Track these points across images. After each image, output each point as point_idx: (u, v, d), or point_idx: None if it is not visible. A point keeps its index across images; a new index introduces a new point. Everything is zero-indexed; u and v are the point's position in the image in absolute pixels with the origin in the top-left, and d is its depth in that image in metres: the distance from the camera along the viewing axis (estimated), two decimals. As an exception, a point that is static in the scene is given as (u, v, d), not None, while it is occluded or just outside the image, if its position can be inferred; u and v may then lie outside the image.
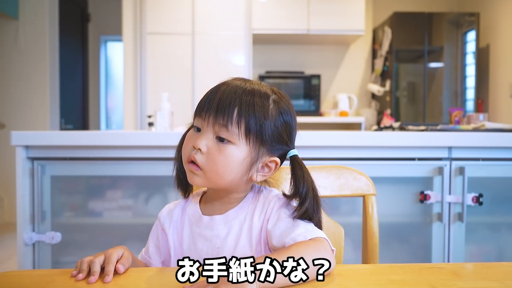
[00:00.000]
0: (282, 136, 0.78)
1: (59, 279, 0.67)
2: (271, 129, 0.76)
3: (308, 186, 0.76)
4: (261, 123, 0.75)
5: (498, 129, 1.89)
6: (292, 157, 0.79)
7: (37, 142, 1.59)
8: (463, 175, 1.63)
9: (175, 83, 3.73)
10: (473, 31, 3.94)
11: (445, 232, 1.67)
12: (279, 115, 0.77)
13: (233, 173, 0.75)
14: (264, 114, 0.75)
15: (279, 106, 0.78)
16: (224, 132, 0.74)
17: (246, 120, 0.74)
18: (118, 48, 5.49)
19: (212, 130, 0.75)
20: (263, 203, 0.80)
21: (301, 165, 0.78)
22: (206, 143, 0.75)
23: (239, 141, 0.74)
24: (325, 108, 4.40)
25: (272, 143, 0.77)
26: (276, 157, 0.79)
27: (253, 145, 0.75)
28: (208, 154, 0.74)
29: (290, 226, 0.74)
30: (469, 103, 4.03)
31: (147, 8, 3.74)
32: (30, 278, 0.69)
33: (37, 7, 3.95)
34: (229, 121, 0.73)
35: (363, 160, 1.65)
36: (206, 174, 0.75)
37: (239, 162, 0.75)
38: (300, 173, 0.77)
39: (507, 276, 0.70)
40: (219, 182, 0.76)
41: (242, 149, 0.75)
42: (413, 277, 0.68)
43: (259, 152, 0.76)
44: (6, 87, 3.97)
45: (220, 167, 0.74)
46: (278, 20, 3.91)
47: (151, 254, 0.85)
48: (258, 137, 0.75)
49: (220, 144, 0.74)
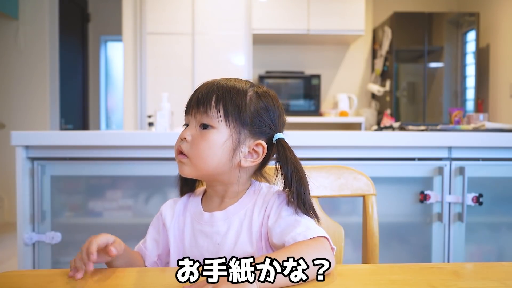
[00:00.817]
0: (263, 118, 0.80)
1: (59, 279, 0.67)
2: (250, 111, 0.79)
3: (292, 168, 0.77)
4: (239, 105, 0.78)
5: (498, 129, 1.89)
6: (277, 140, 0.80)
7: (37, 142, 1.59)
8: (463, 175, 1.63)
9: (175, 83, 3.73)
10: (473, 31, 3.94)
11: (445, 232, 1.67)
12: (258, 99, 0.80)
13: (216, 156, 0.78)
14: (241, 98, 0.79)
15: (258, 92, 0.81)
16: (205, 118, 0.78)
17: (224, 103, 0.78)
18: (118, 48, 5.49)
19: (195, 120, 0.79)
20: (263, 199, 0.81)
21: (285, 148, 0.79)
22: (190, 132, 0.79)
23: (219, 124, 0.77)
24: (325, 108, 4.40)
25: (253, 126, 0.79)
26: (261, 140, 0.80)
27: (233, 126, 0.78)
28: (192, 142, 0.78)
29: (291, 224, 0.74)
30: (469, 103, 4.03)
31: (147, 8, 3.74)
32: (30, 278, 0.69)
33: (37, 7, 3.95)
34: (208, 107, 0.78)
35: (363, 160, 1.65)
36: (192, 161, 0.78)
37: (221, 144, 0.77)
38: (283, 155, 0.78)
39: (507, 276, 0.70)
40: (204, 167, 0.78)
41: (223, 132, 0.78)
42: (413, 277, 0.68)
43: (241, 134, 0.78)
44: (6, 87, 3.97)
45: (203, 151, 0.77)
46: (278, 20, 3.91)
47: (148, 246, 0.86)
48: (238, 119, 0.78)
49: (203, 130, 0.78)
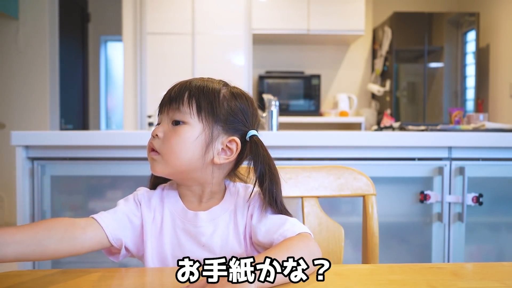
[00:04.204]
0: (237, 114, 0.79)
1: (59, 279, 0.67)
2: (223, 107, 0.78)
3: (264, 165, 0.77)
4: (212, 100, 0.77)
5: (498, 129, 1.89)
6: (251, 137, 0.79)
7: (37, 142, 1.59)
8: (463, 175, 1.63)
9: (175, 83, 3.72)
10: (473, 31, 3.94)
11: (445, 232, 1.67)
12: (231, 96, 0.80)
13: (189, 152, 0.76)
14: (214, 93, 0.78)
15: (232, 90, 0.81)
16: (177, 114, 0.77)
17: (196, 98, 0.77)
18: (118, 48, 5.49)
19: (167, 117, 0.78)
20: (243, 199, 0.81)
21: (258, 144, 0.78)
22: (162, 129, 0.78)
23: (191, 119, 0.77)
24: (325, 108, 4.40)
25: (226, 122, 0.78)
26: (235, 137, 0.79)
27: (206, 121, 0.77)
28: (164, 138, 0.77)
29: (277, 222, 0.75)
30: (469, 103, 4.03)
31: (147, 8, 3.74)
32: (30, 278, 0.69)
33: (37, 7, 3.95)
34: (180, 103, 0.77)
35: (363, 160, 1.65)
36: (164, 157, 0.77)
37: (193, 140, 0.76)
38: (256, 151, 0.78)
39: (507, 276, 0.70)
40: (177, 163, 0.76)
41: (195, 127, 0.77)
42: (413, 277, 0.68)
43: (214, 129, 0.77)
44: (6, 87, 3.97)
45: (175, 146, 0.76)
46: (278, 20, 3.91)
47: (109, 219, 0.76)
48: (211, 114, 0.77)
49: (175, 126, 0.77)
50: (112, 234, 0.75)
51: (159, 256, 0.79)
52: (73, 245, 0.71)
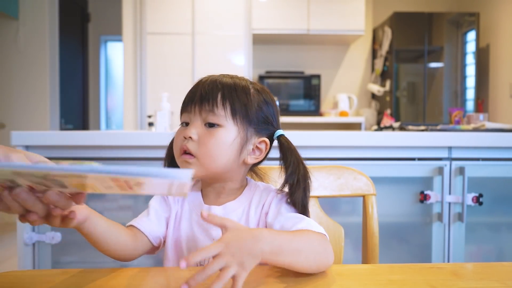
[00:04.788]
0: (267, 116, 0.80)
1: (59, 279, 0.67)
2: (255, 108, 0.79)
3: (297, 163, 0.78)
4: (245, 102, 0.77)
5: (498, 129, 1.89)
6: (279, 137, 0.81)
7: (37, 142, 1.59)
8: (463, 175, 1.63)
9: (175, 83, 3.73)
10: (473, 31, 3.94)
11: (445, 232, 1.67)
12: (260, 97, 0.80)
13: (226, 155, 0.77)
14: (246, 95, 0.78)
15: (259, 90, 0.81)
16: (211, 116, 0.76)
17: (230, 101, 0.76)
18: (118, 48, 5.49)
19: (200, 118, 0.77)
20: (260, 197, 0.81)
21: (288, 143, 0.80)
22: (195, 131, 0.77)
23: (227, 122, 0.76)
24: (325, 108, 4.40)
25: (258, 123, 0.79)
26: (264, 137, 0.80)
27: (241, 125, 0.77)
28: (200, 140, 0.76)
29: (292, 220, 0.74)
30: (469, 103, 4.03)
31: (147, 8, 3.74)
32: (30, 278, 0.69)
33: (37, 7, 3.95)
34: (214, 104, 0.76)
35: (363, 160, 1.65)
36: (200, 160, 0.76)
37: (230, 143, 0.77)
38: (286, 151, 0.79)
39: (507, 276, 0.70)
40: (213, 166, 0.77)
41: (231, 130, 0.77)
42: (413, 277, 0.68)
43: (248, 132, 0.78)
44: (6, 87, 3.97)
45: (213, 150, 0.76)
46: (278, 20, 3.91)
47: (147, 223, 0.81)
48: (245, 117, 0.78)
49: (210, 129, 0.76)
50: (153, 237, 0.80)
51: (177, 248, 0.82)
52: (132, 250, 0.77)
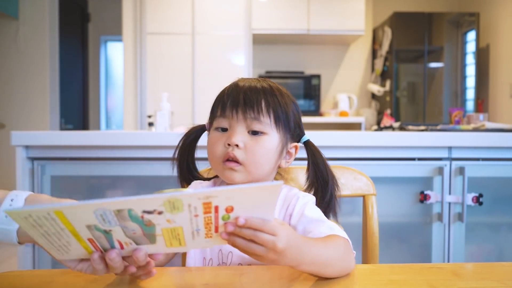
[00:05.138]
0: (298, 123, 0.84)
1: (59, 279, 0.67)
2: (293, 116, 0.81)
3: (324, 167, 0.81)
4: (286, 110, 0.80)
5: (498, 129, 1.89)
6: (306, 142, 0.84)
7: (37, 142, 1.59)
8: (463, 175, 1.63)
9: (175, 83, 3.73)
10: (473, 31, 3.94)
11: (445, 232, 1.67)
12: (291, 102, 0.83)
13: (270, 162, 0.79)
14: (285, 103, 0.80)
15: (288, 95, 0.83)
16: (257, 124, 0.77)
17: (274, 108, 0.78)
18: (118, 48, 5.49)
19: (244, 125, 0.77)
20: (284, 200, 0.81)
21: (315, 147, 0.84)
22: (241, 138, 0.76)
23: (271, 130, 0.78)
24: (325, 108, 4.40)
25: (294, 129, 0.82)
26: (296, 142, 0.84)
27: (282, 132, 0.79)
28: (247, 148, 0.77)
29: (314, 223, 0.75)
30: (469, 103, 4.03)
31: (147, 8, 3.74)
32: (30, 278, 0.69)
33: (37, 7, 3.94)
34: (260, 112, 0.77)
35: (363, 160, 1.65)
36: (247, 168, 0.77)
37: (274, 150, 0.79)
38: (314, 155, 0.83)
39: (507, 276, 0.70)
40: (259, 173, 0.78)
41: (274, 137, 0.78)
42: (413, 277, 0.68)
43: (286, 138, 0.81)
44: (6, 87, 3.97)
45: (260, 158, 0.77)
46: (278, 20, 3.90)
47: None
48: (286, 124, 0.80)
49: (254, 136, 0.77)
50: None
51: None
52: (164, 260, 0.79)
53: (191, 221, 0.53)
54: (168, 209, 0.51)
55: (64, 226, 0.52)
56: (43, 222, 0.51)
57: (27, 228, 0.52)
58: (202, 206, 0.51)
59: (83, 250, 0.57)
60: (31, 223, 0.51)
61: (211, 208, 0.52)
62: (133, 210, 0.50)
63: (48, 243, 0.55)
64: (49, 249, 0.56)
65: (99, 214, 0.50)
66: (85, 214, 0.50)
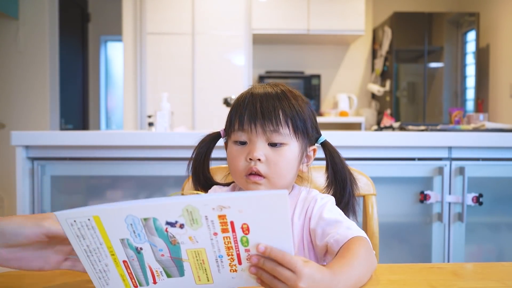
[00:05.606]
0: (315, 124, 0.83)
1: (59, 279, 0.67)
2: (310, 120, 0.81)
3: (341, 164, 0.81)
4: (303, 117, 0.79)
5: (498, 129, 1.89)
6: (323, 143, 0.84)
7: (37, 142, 1.59)
8: (463, 175, 1.63)
9: (175, 83, 3.73)
10: (473, 31, 3.94)
11: (445, 232, 1.67)
12: (306, 105, 0.81)
13: (293, 171, 0.79)
14: (302, 109, 0.79)
15: (301, 97, 0.82)
16: (276, 136, 0.76)
17: (292, 118, 0.77)
18: (118, 48, 5.49)
19: (264, 138, 0.76)
20: (303, 203, 0.82)
21: (332, 147, 0.84)
22: (262, 152, 0.76)
23: (290, 140, 0.78)
24: (325, 108, 4.40)
25: (312, 133, 0.82)
26: (313, 146, 0.83)
27: (301, 139, 0.79)
28: (268, 161, 0.76)
29: (331, 224, 0.75)
30: (469, 103, 4.03)
31: (147, 8, 3.74)
32: (30, 278, 0.69)
33: (37, 7, 3.94)
34: (279, 124, 0.76)
35: (363, 160, 1.65)
36: (270, 180, 0.77)
37: (295, 159, 0.79)
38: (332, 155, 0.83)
39: (507, 276, 0.70)
40: (282, 183, 0.78)
41: (294, 146, 0.78)
42: (413, 277, 0.68)
43: (306, 144, 0.81)
44: (6, 87, 3.97)
45: (283, 169, 0.77)
46: (278, 20, 3.90)
47: None
48: (304, 131, 0.79)
49: (275, 148, 0.77)
50: None
51: None
52: None
53: (211, 241, 0.53)
54: (188, 222, 0.51)
55: (102, 240, 0.53)
56: (85, 232, 0.53)
57: (71, 238, 0.54)
58: (218, 220, 0.51)
59: (121, 283, 0.57)
60: (75, 233, 0.53)
61: (227, 225, 0.52)
62: (158, 220, 0.51)
63: (90, 265, 0.56)
64: (91, 275, 0.57)
65: (129, 224, 0.52)
66: (117, 220, 0.52)
